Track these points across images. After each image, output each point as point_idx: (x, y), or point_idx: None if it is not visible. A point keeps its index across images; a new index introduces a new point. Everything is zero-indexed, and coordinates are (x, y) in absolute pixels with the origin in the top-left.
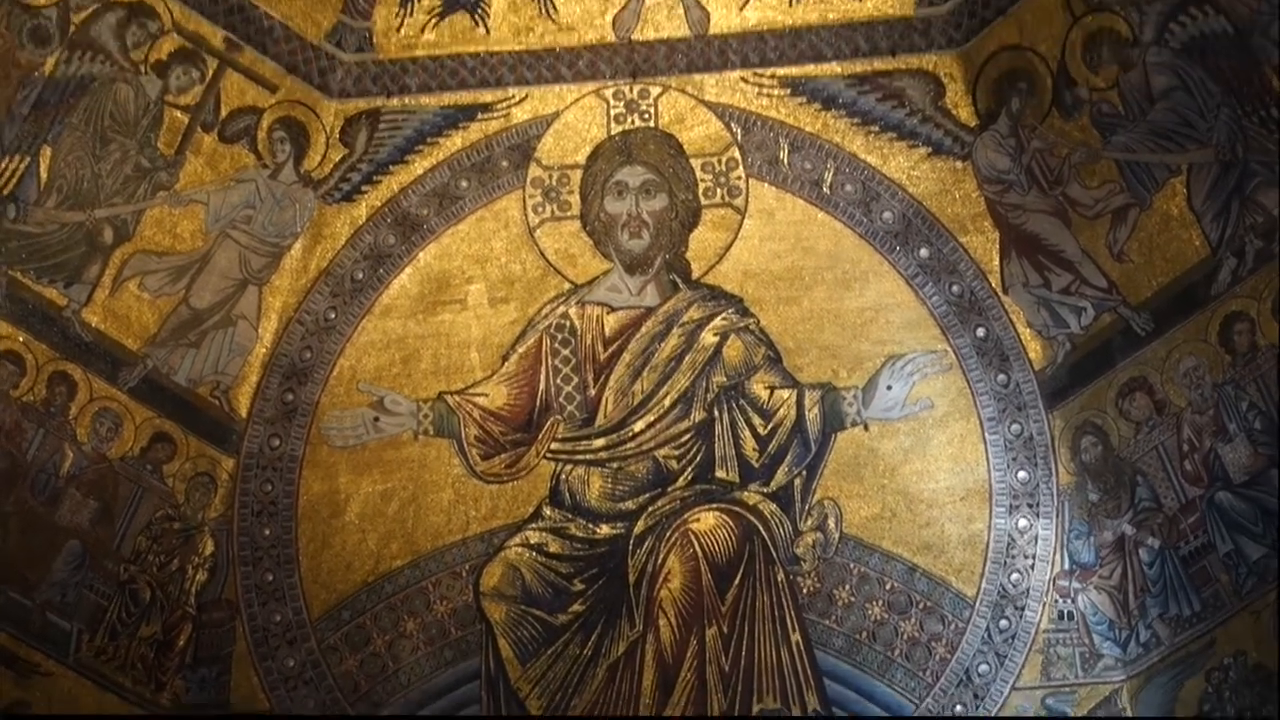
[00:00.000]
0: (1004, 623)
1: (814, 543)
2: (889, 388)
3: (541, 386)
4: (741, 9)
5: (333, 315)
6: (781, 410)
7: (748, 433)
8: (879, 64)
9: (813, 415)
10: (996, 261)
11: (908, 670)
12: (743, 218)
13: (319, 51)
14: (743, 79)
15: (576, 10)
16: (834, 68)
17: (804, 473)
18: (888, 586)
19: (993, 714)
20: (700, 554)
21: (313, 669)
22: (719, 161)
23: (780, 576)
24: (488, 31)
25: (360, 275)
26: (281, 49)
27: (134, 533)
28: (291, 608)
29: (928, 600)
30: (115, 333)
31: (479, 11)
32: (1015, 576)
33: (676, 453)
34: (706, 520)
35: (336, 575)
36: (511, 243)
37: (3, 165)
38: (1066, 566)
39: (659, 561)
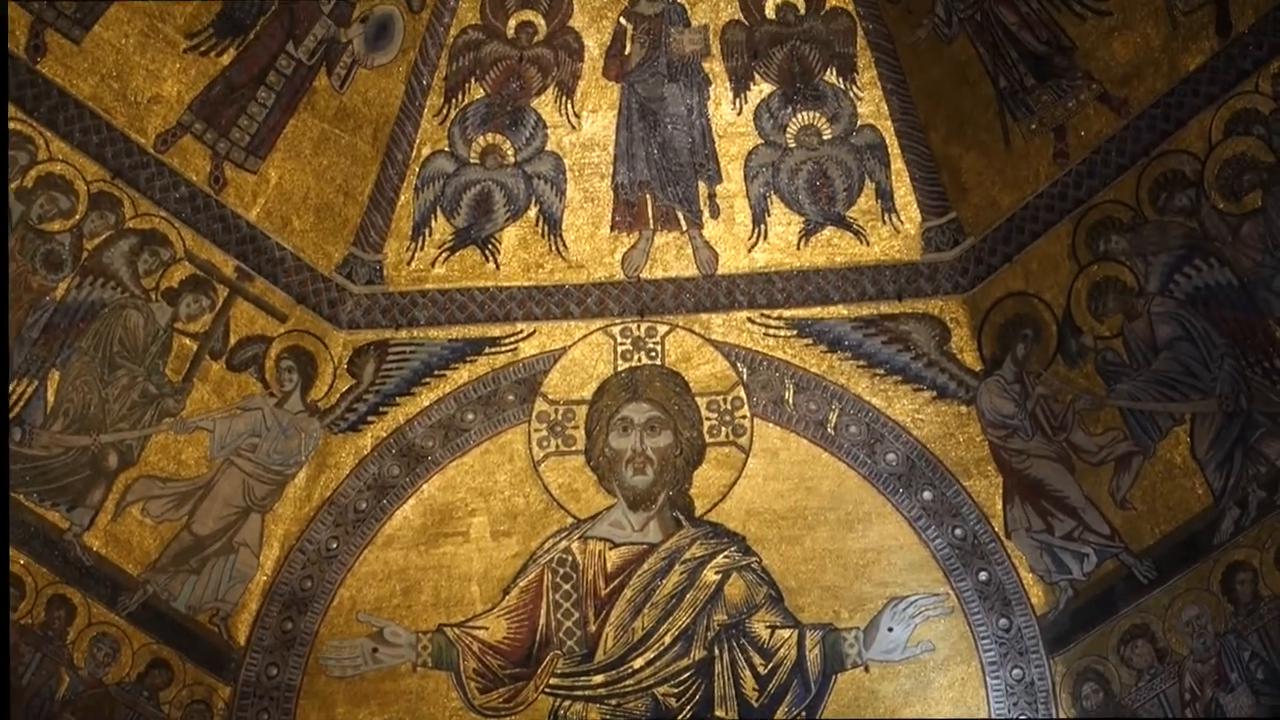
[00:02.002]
0: None
1: None
2: (890, 629)
3: (542, 621)
4: (750, 250)
5: (335, 545)
6: (782, 650)
7: (748, 672)
8: (885, 307)
9: (813, 656)
10: (999, 506)
11: None
12: (747, 456)
13: (329, 283)
14: (749, 319)
15: (586, 248)
16: (840, 310)
17: (804, 713)
18: None
19: None
20: None
21: None
22: (724, 400)
23: None
24: (497, 266)
25: (363, 505)
26: (292, 279)
27: None
28: None
29: None
30: (116, 557)
31: (489, 247)
32: None
33: (676, 690)
34: None
35: None
36: (515, 476)
37: (10, 388)
38: None
39: None
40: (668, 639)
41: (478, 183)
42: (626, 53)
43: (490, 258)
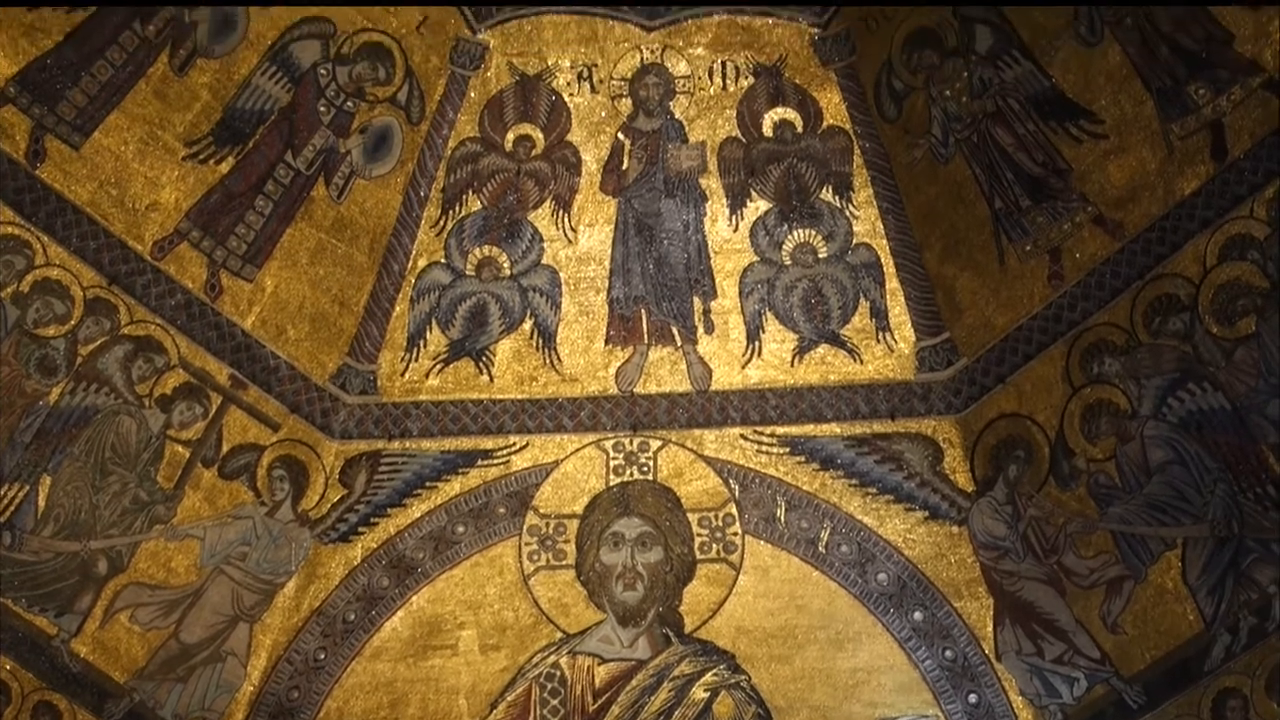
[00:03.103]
0: None
1: None
2: None
3: None
4: (743, 367)
5: (322, 656)
6: None
7: None
8: (878, 426)
9: None
10: (990, 628)
11: None
12: (738, 574)
13: (323, 392)
14: (742, 436)
15: (580, 362)
16: (833, 428)
17: None
18: None
19: None
20: None
21: None
22: (716, 517)
23: None
24: (491, 379)
25: (352, 616)
26: (286, 388)
27: None
28: None
29: None
30: (103, 664)
31: (484, 359)
32: None
33: None
34: None
35: None
36: (505, 590)
37: (1, 492)
38: None
39: None
40: None
41: (473, 295)
42: (624, 168)
43: (484, 370)
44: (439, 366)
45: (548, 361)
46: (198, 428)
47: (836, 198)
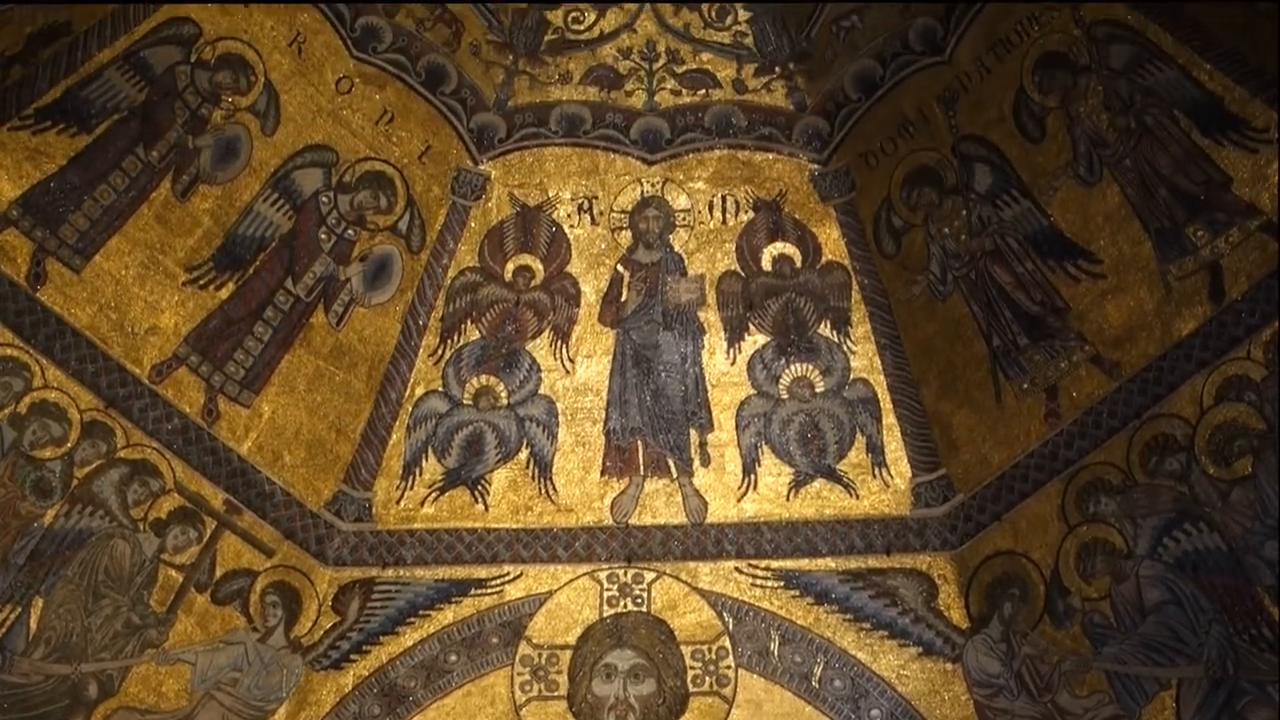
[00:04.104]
0: None
1: None
2: None
3: None
4: (739, 500)
5: None
6: None
7: None
8: (873, 562)
9: None
10: None
11: None
12: (730, 707)
13: (318, 519)
14: (737, 569)
15: (576, 492)
16: (828, 563)
17: None
18: None
19: None
20: None
21: None
22: (709, 650)
23: None
24: (486, 508)
25: None
26: (281, 514)
27: None
28: None
29: None
30: None
31: (479, 488)
32: None
33: None
34: None
35: None
36: None
37: None
38: None
39: None
40: None
41: (470, 424)
42: (623, 299)
43: (480, 499)
44: (434, 495)
45: (543, 491)
46: (192, 552)
47: (834, 333)
